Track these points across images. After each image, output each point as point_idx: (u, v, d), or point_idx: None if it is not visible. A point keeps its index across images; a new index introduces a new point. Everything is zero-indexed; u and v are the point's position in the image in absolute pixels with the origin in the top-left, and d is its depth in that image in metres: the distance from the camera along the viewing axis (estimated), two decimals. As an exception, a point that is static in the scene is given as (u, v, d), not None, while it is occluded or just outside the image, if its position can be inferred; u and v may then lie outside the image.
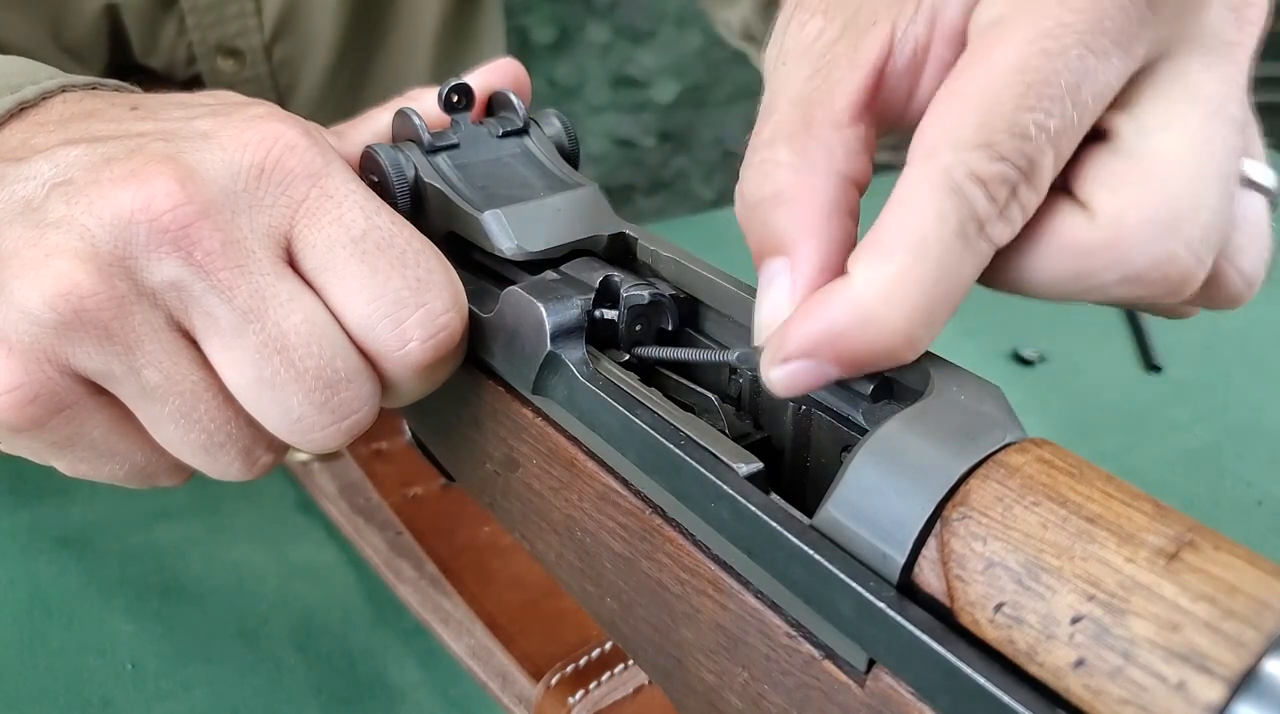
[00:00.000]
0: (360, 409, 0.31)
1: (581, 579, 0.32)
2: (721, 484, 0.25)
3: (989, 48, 0.24)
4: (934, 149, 0.24)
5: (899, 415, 0.23)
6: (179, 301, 0.29)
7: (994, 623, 0.21)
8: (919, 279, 0.24)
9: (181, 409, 0.30)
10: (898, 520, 0.22)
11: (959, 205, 0.24)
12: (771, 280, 0.26)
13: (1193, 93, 0.25)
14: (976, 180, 0.24)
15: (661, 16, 1.77)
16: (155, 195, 0.28)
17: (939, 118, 0.24)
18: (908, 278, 0.24)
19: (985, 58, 0.24)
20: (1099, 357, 0.71)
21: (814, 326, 0.24)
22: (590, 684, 0.42)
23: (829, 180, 0.26)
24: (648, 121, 1.85)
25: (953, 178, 0.24)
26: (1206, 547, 0.20)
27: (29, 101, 0.34)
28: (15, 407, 0.29)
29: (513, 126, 0.37)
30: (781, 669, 0.25)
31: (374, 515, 0.53)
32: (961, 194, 0.24)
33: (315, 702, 0.44)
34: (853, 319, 0.24)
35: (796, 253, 0.26)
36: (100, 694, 0.44)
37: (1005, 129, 0.24)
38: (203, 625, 0.48)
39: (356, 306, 0.30)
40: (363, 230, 0.30)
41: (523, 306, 0.31)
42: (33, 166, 0.30)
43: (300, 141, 0.30)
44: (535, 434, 0.32)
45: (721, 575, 0.26)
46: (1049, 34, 0.24)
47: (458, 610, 0.47)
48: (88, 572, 0.50)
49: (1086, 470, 0.22)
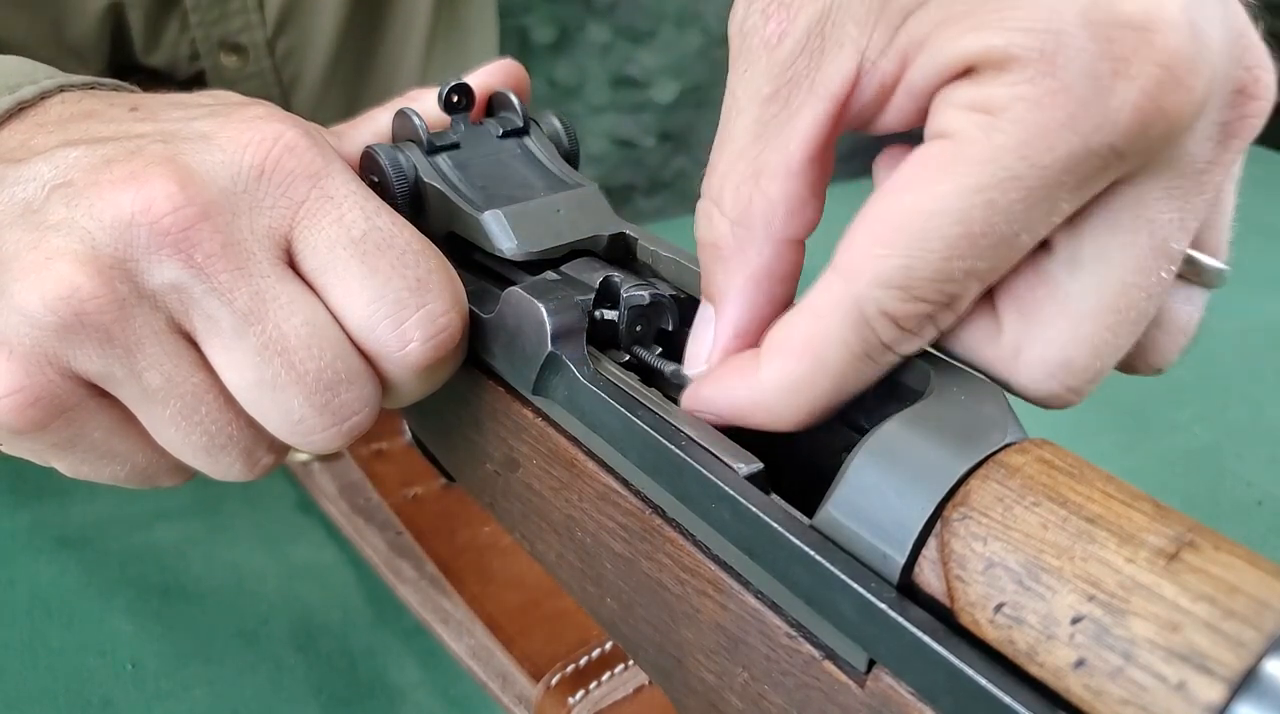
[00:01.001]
0: (361, 410, 0.31)
1: (581, 579, 0.32)
2: (722, 484, 0.25)
3: (934, 178, 0.23)
4: (855, 273, 0.24)
5: (899, 415, 0.24)
6: (180, 304, 0.29)
7: (994, 623, 0.21)
8: (817, 386, 0.25)
9: (183, 411, 0.30)
10: (898, 520, 0.22)
11: (867, 337, 0.24)
12: (701, 324, 0.28)
13: (1142, 224, 0.24)
14: (888, 318, 0.24)
15: (661, 16, 1.76)
16: (155, 197, 0.28)
17: (868, 240, 0.24)
18: (808, 384, 0.25)
19: (927, 188, 0.23)
20: (1099, 356, 0.71)
21: (720, 402, 0.27)
22: (590, 684, 0.42)
23: (764, 249, 0.27)
24: (648, 121, 1.85)
25: (865, 312, 0.24)
26: (1206, 547, 0.20)
27: (27, 102, 0.34)
28: (16, 409, 0.29)
29: (513, 126, 0.37)
30: (782, 669, 0.25)
31: (374, 515, 0.53)
32: (871, 328, 0.24)
33: (315, 702, 0.44)
34: (753, 406, 0.26)
35: (722, 311, 0.28)
36: (100, 694, 0.44)
37: (930, 276, 0.24)
38: (203, 625, 0.48)
39: (357, 307, 0.30)
40: (363, 231, 0.30)
41: (524, 307, 0.31)
42: (32, 168, 0.30)
43: (300, 142, 0.30)
44: (535, 434, 0.32)
45: (722, 576, 0.26)
46: (998, 185, 0.23)
47: (458, 610, 0.47)
48: (88, 572, 0.50)
49: (1086, 470, 0.22)
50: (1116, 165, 0.23)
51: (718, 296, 0.28)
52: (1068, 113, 0.22)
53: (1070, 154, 0.22)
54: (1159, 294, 0.25)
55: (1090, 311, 0.25)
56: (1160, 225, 0.24)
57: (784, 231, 0.27)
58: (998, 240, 0.23)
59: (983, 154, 0.23)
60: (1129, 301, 0.25)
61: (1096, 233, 0.24)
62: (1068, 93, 0.22)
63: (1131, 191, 0.24)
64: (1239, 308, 0.77)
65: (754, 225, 0.27)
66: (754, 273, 0.27)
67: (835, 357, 0.25)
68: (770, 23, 0.26)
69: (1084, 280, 0.25)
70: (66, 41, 0.61)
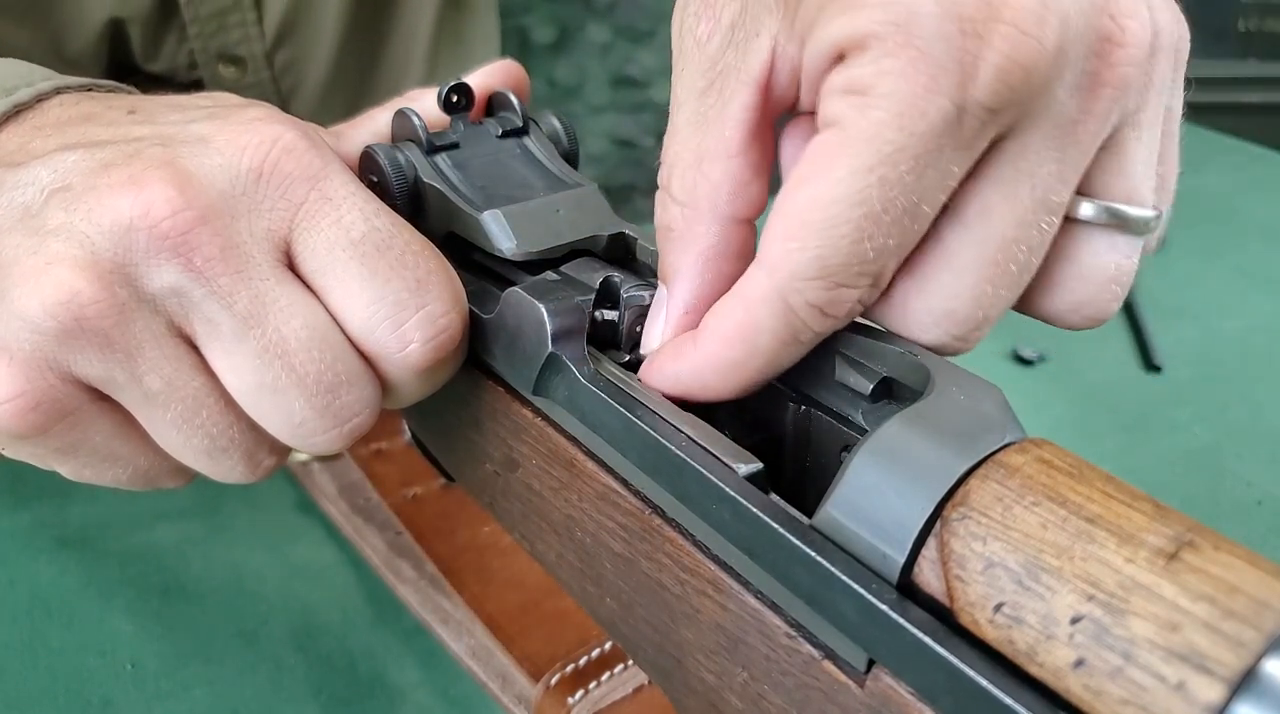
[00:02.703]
0: (361, 412, 0.31)
1: (581, 579, 0.32)
2: (721, 485, 0.25)
3: (828, 166, 0.25)
4: (775, 267, 0.26)
5: (899, 415, 0.24)
6: (179, 308, 0.29)
7: (994, 623, 0.21)
8: (749, 366, 0.27)
9: (184, 415, 0.30)
10: (898, 520, 0.22)
11: (793, 324, 0.26)
12: (655, 305, 0.30)
13: (1023, 178, 0.25)
14: (810, 306, 0.26)
15: (661, 16, 1.76)
16: (154, 202, 0.28)
17: (780, 235, 0.25)
18: (740, 366, 0.27)
19: (824, 178, 0.25)
20: (1099, 357, 0.71)
21: (666, 379, 0.28)
22: (590, 684, 0.42)
23: (711, 226, 0.28)
24: (648, 121, 1.85)
25: (790, 302, 0.26)
26: (1206, 547, 0.20)
27: (24, 104, 0.34)
28: (18, 414, 0.29)
29: (512, 126, 0.37)
30: (781, 669, 0.25)
31: (374, 515, 0.53)
32: (796, 316, 0.26)
33: (315, 702, 0.44)
34: (694, 382, 0.28)
35: (673, 289, 0.29)
36: (100, 694, 0.44)
37: (844, 261, 0.25)
38: (203, 625, 0.48)
39: (357, 309, 0.30)
40: (362, 232, 0.30)
41: (524, 308, 0.31)
42: (31, 172, 0.30)
43: (298, 144, 0.30)
44: (535, 434, 0.32)
45: (721, 576, 0.26)
46: (886, 160, 0.24)
47: (458, 610, 0.47)
48: (88, 572, 0.50)
49: (1086, 470, 0.22)
50: (991, 122, 0.24)
51: (670, 276, 0.29)
52: (930, 77, 0.23)
53: (943, 116, 0.24)
54: (1039, 247, 0.27)
55: (970, 264, 0.26)
56: (1040, 179, 0.26)
57: (729, 210, 0.28)
58: (899, 214, 0.25)
59: (864, 133, 0.24)
60: (1008, 255, 0.26)
61: (980, 190, 0.26)
62: (927, 59, 0.23)
63: (1011, 146, 0.25)
64: (1239, 308, 0.77)
65: (700, 207, 0.28)
66: (703, 251, 0.28)
67: (765, 343, 0.26)
68: (701, 23, 0.28)
69: (964, 236, 0.26)
70: (66, 54, 0.61)
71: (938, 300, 0.27)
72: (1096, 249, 0.28)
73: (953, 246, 0.26)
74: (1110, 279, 0.28)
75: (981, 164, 0.26)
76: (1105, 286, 0.28)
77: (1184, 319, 0.75)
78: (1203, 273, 0.80)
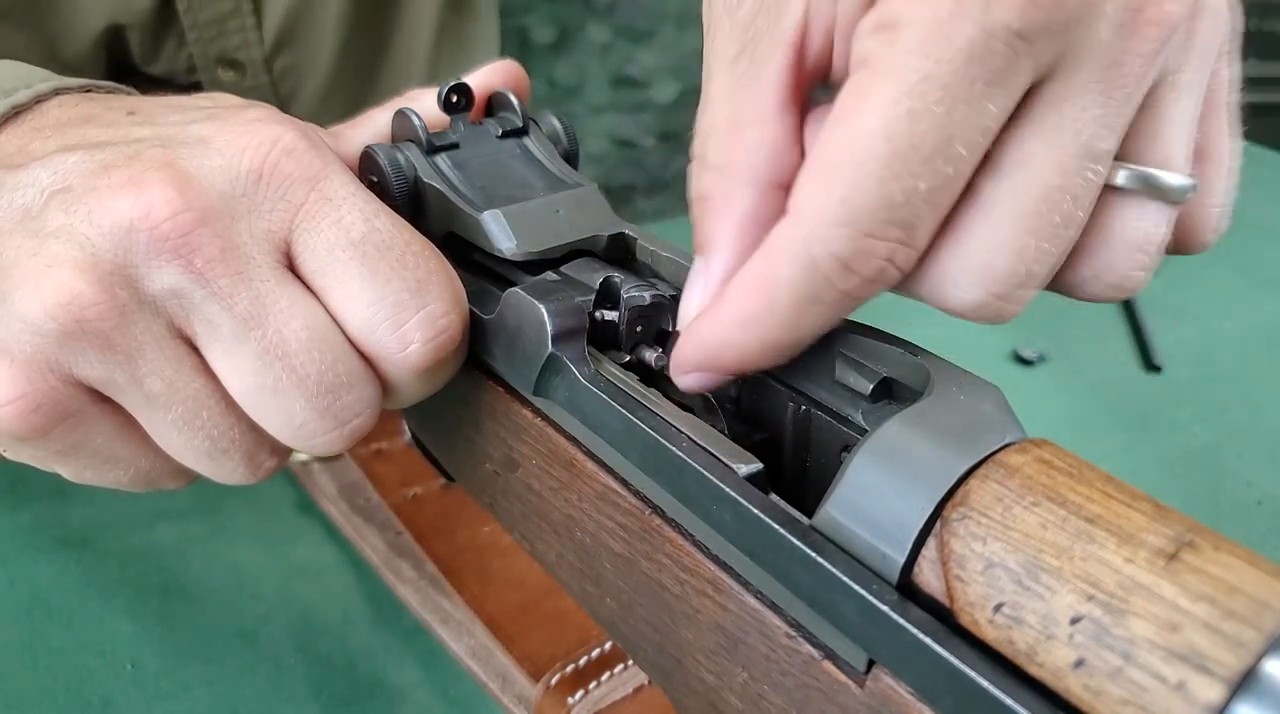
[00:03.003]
0: (362, 413, 0.31)
1: (581, 579, 0.32)
2: (721, 485, 0.25)
3: (856, 104, 0.24)
4: (800, 214, 0.25)
5: (899, 415, 0.24)
6: (180, 309, 0.29)
7: (993, 623, 0.21)
8: (768, 321, 0.26)
9: (184, 416, 0.30)
10: (897, 520, 0.22)
11: (814, 280, 0.25)
12: (693, 278, 0.29)
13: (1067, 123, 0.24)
14: (834, 257, 0.24)
15: (661, 16, 1.76)
16: (154, 203, 0.28)
17: (810, 180, 0.25)
18: (759, 321, 0.26)
19: (853, 116, 0.24)
20: (1099, 357, 0.71)
21: (697, 351, 0.27)
22: (590, 684, 0.42)
23: (748, 192, 0.27)
24: (648, 121, 1.85)
25: (813, 253, 0.24)
26: (1206, 547, 0.20)
27: (23, 105, 0.34)
28: (19, 416, 0.29)
29: (512, 126, 0.37)
30: (781, 669, 0.25)
31: (374, 515, 0.53)
32: (819, 271, 0.24)
33: (315, 702, 0.44)
34: (724, 347, 0.27)
35: (710, 258, 0.28)
36: (100, 694, 0.44)
37: (871, 205, 0.24)
38: (203, 625, 0.48)
39: (357, 310, 0.30)
40: (362, 233, 0.30)
41: (524, 308, 0.31)
42: (31, 174, 0.30)
43: (298, 144, 0.30)
44: (535, 435, 0.32)
45: (721, 576, 0.26)
46: (913, 91, 0.23)
47: (458, 610, 0.47)
48: (88, 572, 0.50)
49: (1086, 471, 0.22)
50: (1025, 52, 0.23)
51: (707, 245, 0.28)
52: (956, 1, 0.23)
53: (970, 41, 0.23)
54: (1085, 198, 0.25)
55: (1009, 214, 0.25)
56: (1085, 124, 0.24)
57: (766, 175, 0.27)
58: (930, 153, 0.23)
59: (891, 65, 0.23)
60: (1051, 205, 0.25)
61: (1020, 137, 0.25)
62: None
63: (1052, 90, 0.24)
64: (1239, 308, 0.77)
65: (736, 173, 0.27)
66: (740, 218, 0.27)
67: (784, 296, 0.25)
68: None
69: (1002, 184, 0.25)
70: (64, 58, 0.61)
71: (976, 256, 0.25)
72: (1125, 215, 0.26)
73: (990, 196, 0.25)
74: (1136, 246, 0.26)
75: (1020, 111, 0.24)
76: (1130, 254, 0.27)
77: (1184, 319, 0.75)
78: (1202, 273, 0.80)
